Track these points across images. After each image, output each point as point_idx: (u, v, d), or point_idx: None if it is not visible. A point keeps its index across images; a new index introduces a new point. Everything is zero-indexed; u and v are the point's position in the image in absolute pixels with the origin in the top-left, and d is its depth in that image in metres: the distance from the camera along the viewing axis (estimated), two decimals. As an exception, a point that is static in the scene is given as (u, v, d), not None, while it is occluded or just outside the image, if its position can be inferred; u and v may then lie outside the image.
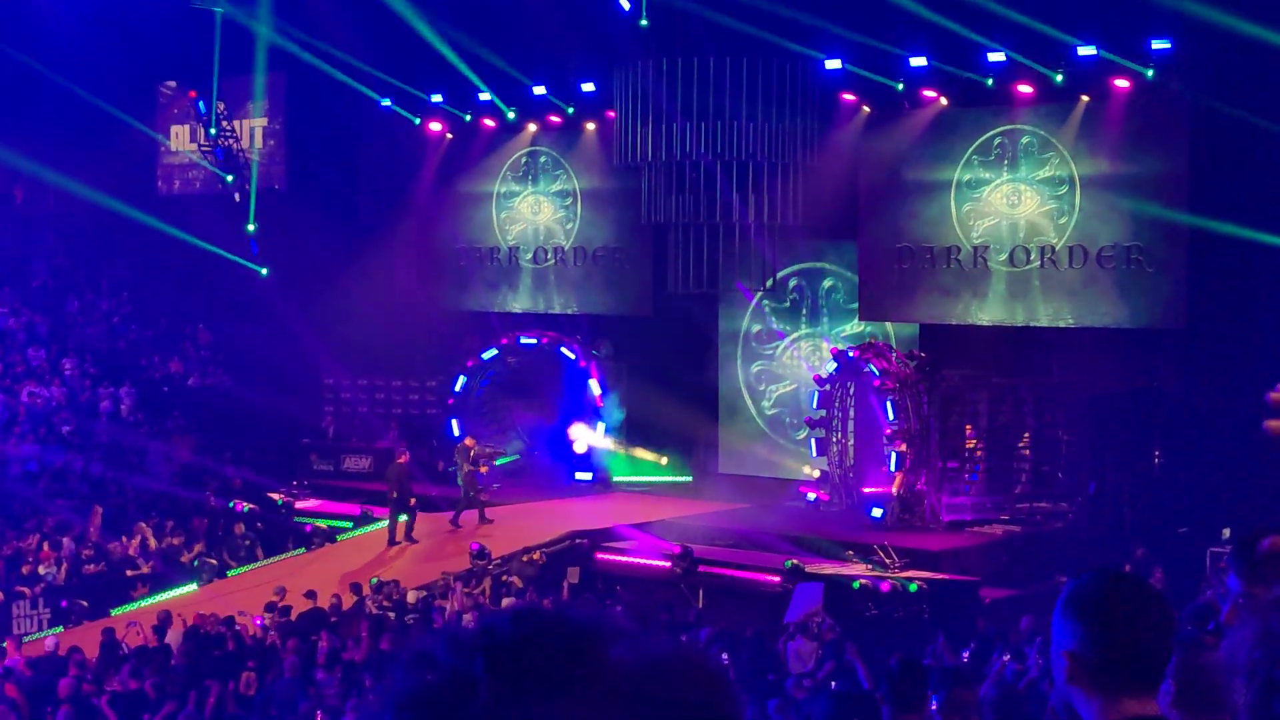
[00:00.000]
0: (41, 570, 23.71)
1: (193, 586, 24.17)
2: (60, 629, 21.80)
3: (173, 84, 34.73)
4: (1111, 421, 24.47)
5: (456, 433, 29.53)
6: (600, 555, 23.94)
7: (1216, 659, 4.55)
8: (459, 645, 1.24)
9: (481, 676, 1.20)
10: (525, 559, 23.41)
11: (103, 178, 32.39)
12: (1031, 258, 25.67)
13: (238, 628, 19.59)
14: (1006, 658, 14.29)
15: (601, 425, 29.00)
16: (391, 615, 20.39)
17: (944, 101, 26.27)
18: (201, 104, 33.12)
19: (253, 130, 34.12)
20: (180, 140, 35.04)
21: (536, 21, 28.16)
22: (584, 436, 29.01)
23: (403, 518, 25.45)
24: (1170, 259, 24.30)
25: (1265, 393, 20.25)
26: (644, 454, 29.06)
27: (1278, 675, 1.45)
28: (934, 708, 7.35)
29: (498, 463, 27.48)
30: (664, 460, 29.12)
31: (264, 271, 32.66)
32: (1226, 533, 20.11)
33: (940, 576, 21.83)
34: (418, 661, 1.24)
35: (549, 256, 31.30)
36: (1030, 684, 11.66)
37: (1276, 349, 22.63)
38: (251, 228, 32.78)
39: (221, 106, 32.78)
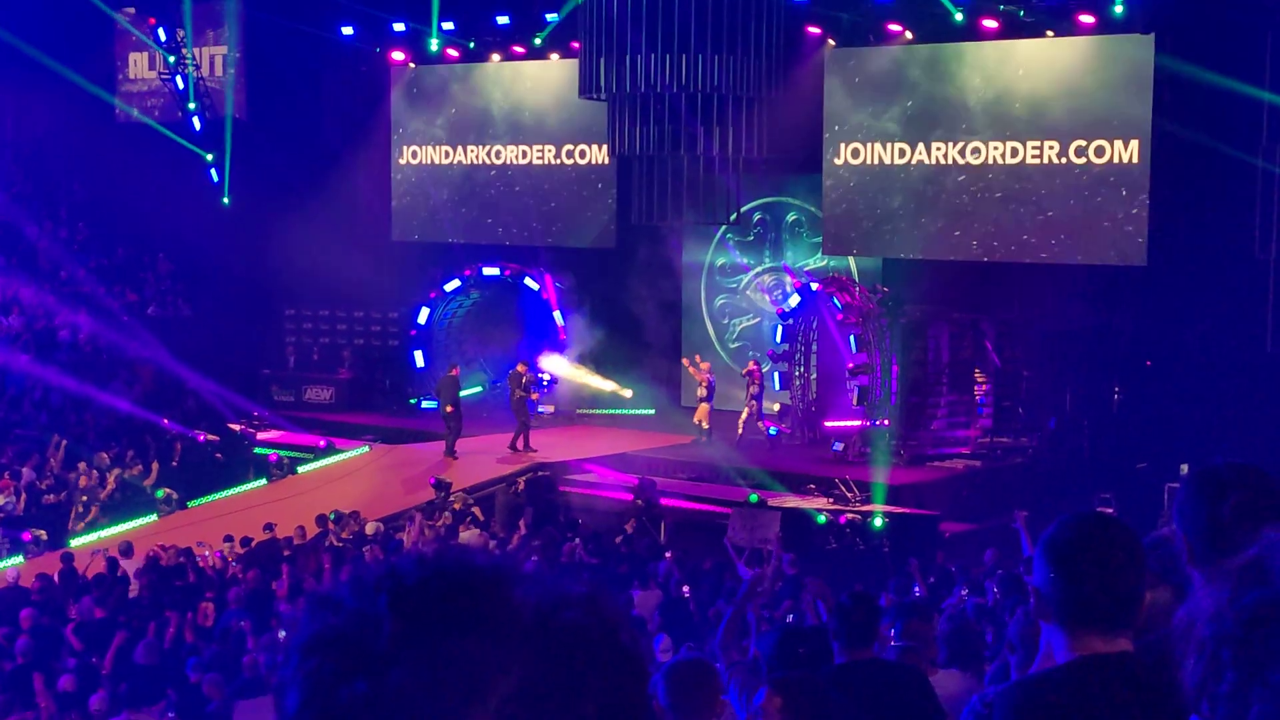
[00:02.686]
0: (0, 500, 23.59)
1: (153, 517, 24.11)
2: (20, 559, 21.70)
3: (131, 10, 34.29)
4: (1072, 358, 24.63)
5: (420, 364, 29.52)
6: (562, 487, 23.99)
7: (1174, 620, 4.56)
8: (363, 587, 1.27)
9: (385, 615, 1.22)
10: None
11: (61, 104, 32.03)
12: (995, 193, 25.70)
13: (197, 559, 19.56)
14: (964, 592, 14.38)
15: (565, 357, 28.97)
16: (352, 547, 20.36)
17: (909, 36, 26.18)
18: (161, 30, 32.75)
19: (213, 58, 33.76)
20: (139, 67, 34.63)
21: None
22: (553, 367, 28.97)
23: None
24: (1132, 196, 24.39)
25: None
26: (607, 386, 29.05)
27: (1225, 654, 1.44)
28: (891, 640, 7.41)
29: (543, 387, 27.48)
30: (628, 393, 29.13)
31: (225, 200, 32.42)
32: (1184, 468, 20.25)
33: (901, 510, 21.95)
34: (322, 604, 1.26)
35: (513, 189, 31.15)
36: (988, 617, 11.73)
37: (1231, 290, 22.80)
38: (210, 157, 32.52)
39: (181, 34, 32.42)
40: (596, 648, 1.24)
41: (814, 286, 26.03)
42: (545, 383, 27.26)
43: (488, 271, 29.86)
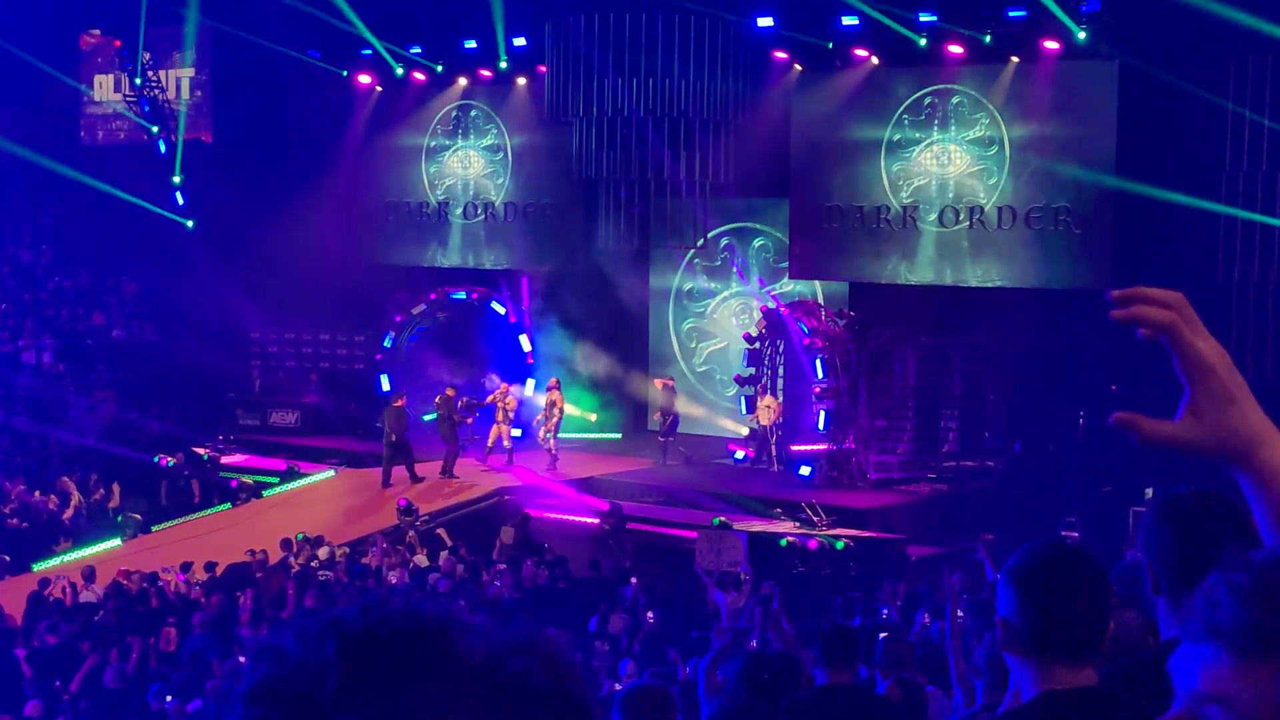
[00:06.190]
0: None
1: (116, 542, 23.93)
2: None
3: (97, 32, 34.19)
4: (1037, 382, 24.68)
5: (386, 388, 29.43)
6: (529, 512, 23.90)
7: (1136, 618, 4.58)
8: (308, 636, 1.26)
9: (331, 664, 1.22)
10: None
11: (24, 127, 31.89)
12: (960, 218, 25.80)
13: (161, 583, 19.42)
14: (926, 619, 14.38)
15: (531, 382, 28.91)
16: (318, 572, 20.27)
17: (875, 61, 26.28)
18: (127, 53, 32.66)
19: (179, 81, 33.66)
20: (104, 90, 34.53)
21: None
22: (519, 392, 28.83)
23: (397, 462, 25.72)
24: (1097, 221, 24.52)
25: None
26: (574, 411, 28.98)
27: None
28: (875, 659, 7.46)
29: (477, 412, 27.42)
30: (594, 417, 29.09)
31: (190, 224, 32.30)
32: (1149, 492, 20.33)
33: (867, 534, 21.96)
34: (266, 654, 1.25)
35: (479, 211, 31.13)
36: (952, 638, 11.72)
37: (1198, 312, 22.86)
38: (177, 179, 32.41)
39: (147, 56, 32.32)
40: (545, 695, 1.24)
41: (780, 311, 26.04)
42: (478, 407, 27.15)
43: (454, 295, 29.80)
